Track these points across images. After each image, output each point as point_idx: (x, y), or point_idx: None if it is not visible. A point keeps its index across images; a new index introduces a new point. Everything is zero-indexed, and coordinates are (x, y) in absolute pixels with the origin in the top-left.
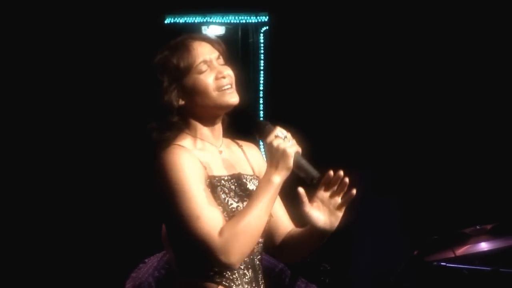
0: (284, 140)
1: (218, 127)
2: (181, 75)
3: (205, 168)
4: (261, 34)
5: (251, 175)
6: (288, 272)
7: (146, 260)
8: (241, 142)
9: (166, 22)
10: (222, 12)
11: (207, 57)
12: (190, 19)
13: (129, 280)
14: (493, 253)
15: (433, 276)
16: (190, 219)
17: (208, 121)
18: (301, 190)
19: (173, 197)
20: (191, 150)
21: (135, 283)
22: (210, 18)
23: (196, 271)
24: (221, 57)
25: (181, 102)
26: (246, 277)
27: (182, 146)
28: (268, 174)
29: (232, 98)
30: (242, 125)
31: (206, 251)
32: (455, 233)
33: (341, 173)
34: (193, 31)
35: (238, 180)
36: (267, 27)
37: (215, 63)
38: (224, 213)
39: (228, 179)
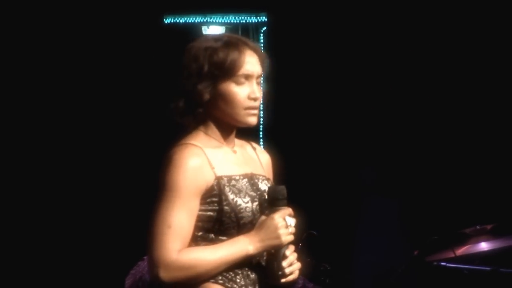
0: (287, 227)
1: (233, 130)
2: (220, 75)
3: (213, 168)
4: (261, 34)
5: (263, 176)
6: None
7: (145, 258)
8: (254, 145)
9: (166, 22)
10: (222, 12)
11: (250, 71)
12: (190, 19)
13: (129, 276)
14: (493, 253)
15: (434, 276)
16: (162, 222)
17: (224, 125)
18: None
19: (161, 195)
20: (203, 148)
21: (135, 278)
22: (210, 18)
23: None
24: (262, 76)
25: (208, 96)
26: (249, 278)
27: (195, 145)
28: (250, 240)
29: (253, 120)
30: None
31: (154, 258)
32: (455, 233)
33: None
34: (193, 31)
35: (250, 179)
36: (267, 27)
37: (254, 80)
38: (232, 214)
39: (240, 178)
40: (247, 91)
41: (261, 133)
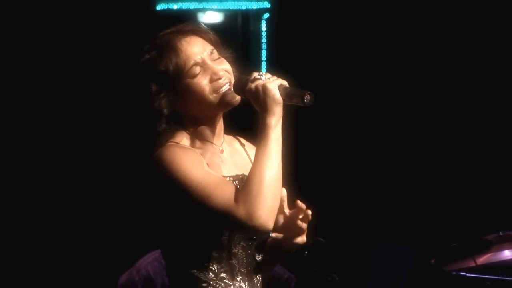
0: (262, 78)
1: (219, 124)
2: (171, 81)
3: (207, 165)
4: (263, 22)
5: None
6: (294, 281)
7: (147, 255)
8: (243, 141)
9: (158, 9)
10: None
11: (199, 58)
12: (184, 5)
13: (124, 274)
14: None
15: (452, 287)
16: (202, 200)
17: (207, 121)
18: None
19: (178, 186)
20: (188, 147)
21: (132, 271)
22: (207, 4)
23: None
24: (214, 51)
25: (173, 108)
26: None
27: (178, 143)
28: (261, 121)
29: (233, 98)
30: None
31: (231, 225)
32: (476, 240)
33: (303, 206)
34: (188, 19)
35: (241, 182)
36: (270, 14)
37: (208, 62)
38: None
39: (230, 181)
40: (207, 76)
41: None
